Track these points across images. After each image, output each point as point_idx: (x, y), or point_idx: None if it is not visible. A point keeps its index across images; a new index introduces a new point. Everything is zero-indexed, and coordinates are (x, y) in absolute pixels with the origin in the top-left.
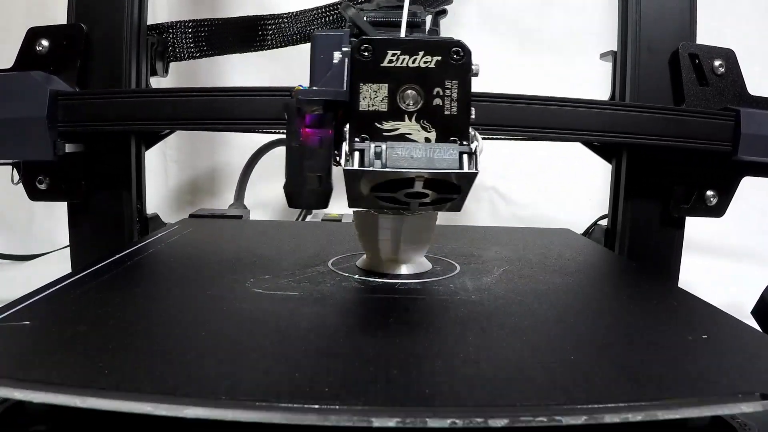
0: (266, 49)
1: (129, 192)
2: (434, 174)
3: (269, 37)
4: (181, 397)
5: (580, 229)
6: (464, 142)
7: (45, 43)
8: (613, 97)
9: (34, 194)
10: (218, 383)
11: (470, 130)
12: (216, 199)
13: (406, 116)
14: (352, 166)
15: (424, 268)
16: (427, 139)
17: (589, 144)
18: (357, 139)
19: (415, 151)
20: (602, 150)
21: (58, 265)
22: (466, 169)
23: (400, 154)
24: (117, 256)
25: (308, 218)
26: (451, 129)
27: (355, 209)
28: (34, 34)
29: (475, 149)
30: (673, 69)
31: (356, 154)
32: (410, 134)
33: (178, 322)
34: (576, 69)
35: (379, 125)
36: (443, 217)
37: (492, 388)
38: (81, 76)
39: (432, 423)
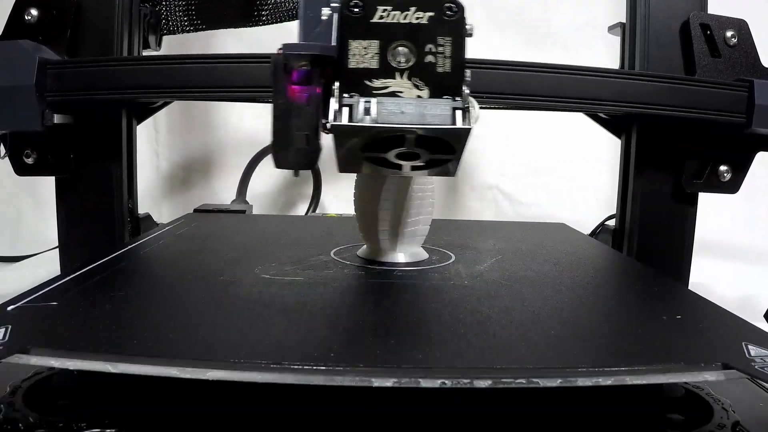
0: (262, 25)
1: (120, 168)
2: (426, 130)
3: (265, 12)
4: (204, 361)
5: (586, 229)
6: (457, 99)
7: (34, 12)
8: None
9: (21, 169)
10: (236, 350)
11: (464, 88)
12: (211, 198)
13: (397, 74)
14: (341, 122)
15: (420, 257)
16: (419, 97)
17: (597, 117)
18: (346, 95)
19: (407, 106)
20: (611, 124)
21: (48, 266)
22: (459, 125)
23: (390, 109)
24: (128, 247)
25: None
26: (445, 87)
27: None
28: (22, 3)
29: (468, 106)
30: (683, 40)
31: (345, 109)
32: (401, 92)
33: (196, 302)
34: (581, 64)
35: (369, 83)
36: (443, 214)
37: (478, 356)
38: (71, 47)
39: (424, 383)
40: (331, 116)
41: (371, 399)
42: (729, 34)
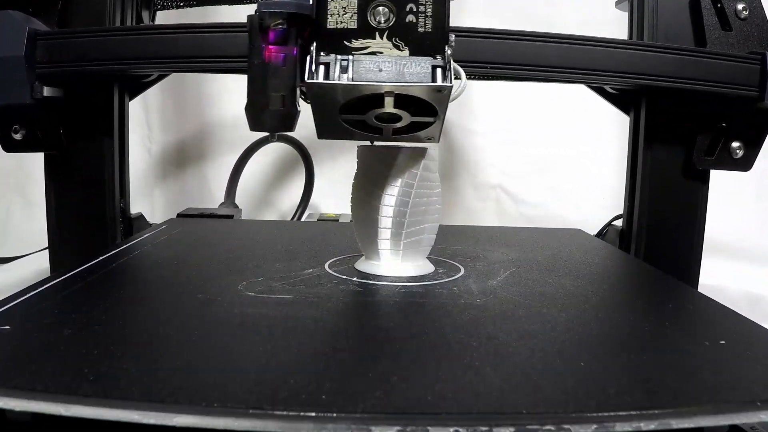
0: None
1: (111, 145)
2: (404, 87)
3: None
4: (171, 404)
5: (592, 230)
6: (438, 57)
7: None
8: None
9: (9, 145)
10: (209, 390)
11: (447, 48)
12: (206, 197)
13: (377, 34)
14: (317, 80)
15: (426, 271)
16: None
17: (604, 92)
18: (323, 54)
19: (385, 64)
20: (618, 99)
21: (36, 268)
22: (439, 83)
23: (368, 67)
24: (102, 257)
25: (305, 217)
26: (426, 47)
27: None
28: None
29: (449, 64)
30: (693, 13)
31: (321, 68)
32: (381, 53)
33: (167, 327)
34: None
35: (348, 43)
36: (444, 215)
37: (497, 395)
38: (61, 21)
39: (434, 431)
40: (306, 74)
41: None
42: (740, 6)
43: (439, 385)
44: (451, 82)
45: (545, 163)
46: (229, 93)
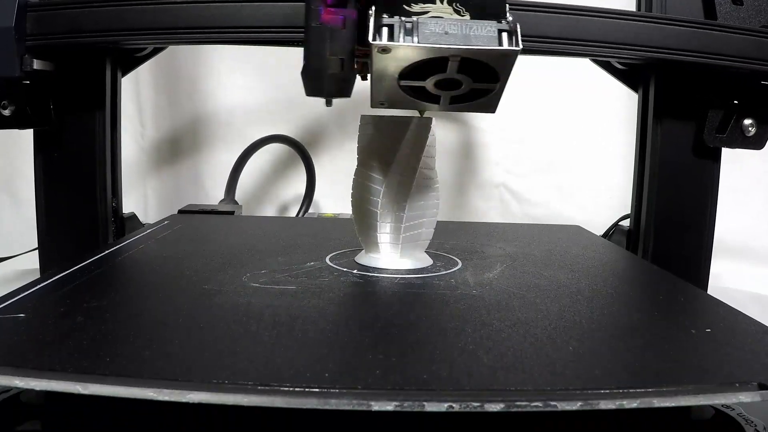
0: None
1: (103, 121)
2: (471, 51)
3: None
4: (184, 382)
5: (599, 230)
6: (502, 21)
7: None
8: None
9: None
10: (220, 369)
11: (508, 13)
12: (201, 196)
13: None
14: (381, 41)
15: (424, 263)
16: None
17: (611, 68)
18: (385, 15)
19: (450, 27)
20: (627, 76)
21: (26, 269)
22: (506, 47)
23: (433, 29)
24: (108, 251)
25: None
26: (487, 13)
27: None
28: None
29: (515, 28)
30: None
31: (384, 29)
32: (442, 18)
33: (177, 315)
34: None
35: (407, 7)
36: (446, 214)
37: (489, 375)
38: None
39: (429, 407)
40: (370, 36)
41: (370, 425)
42: None
43: (435, 365)
44: (518, 46)
45: (550, 161)
46: (223, 89)
